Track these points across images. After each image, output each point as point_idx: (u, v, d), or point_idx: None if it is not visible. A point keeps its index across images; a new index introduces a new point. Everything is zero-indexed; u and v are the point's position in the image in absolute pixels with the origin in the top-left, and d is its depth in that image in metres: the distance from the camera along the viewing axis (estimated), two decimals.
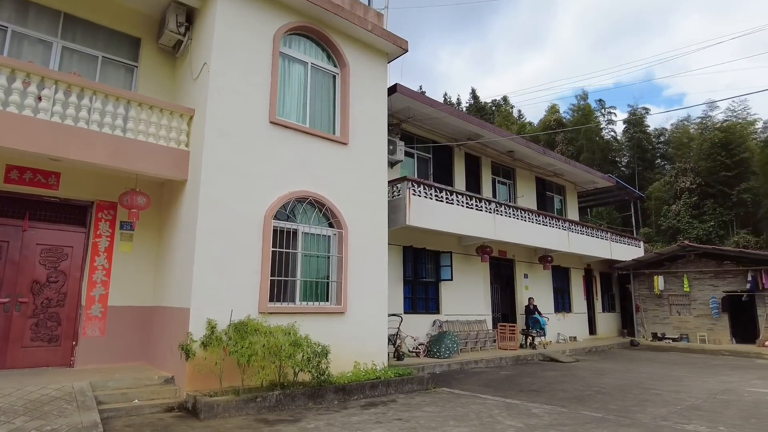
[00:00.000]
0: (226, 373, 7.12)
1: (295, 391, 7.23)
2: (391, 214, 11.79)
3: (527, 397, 8.40)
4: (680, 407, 7.65)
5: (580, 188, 21.48)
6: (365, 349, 9.12)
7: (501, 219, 14.28)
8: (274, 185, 8.39)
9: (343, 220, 9.20)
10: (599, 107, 42.35)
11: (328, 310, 8.80)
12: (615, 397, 8.51)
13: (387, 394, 8.27)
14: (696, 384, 10.06)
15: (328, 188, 9.15)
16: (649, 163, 41.91)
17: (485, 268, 15.57)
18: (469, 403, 7.77)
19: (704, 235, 31.60)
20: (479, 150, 16.15)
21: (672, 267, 20.55)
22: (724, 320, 19.15)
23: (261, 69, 8.58)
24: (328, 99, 9.83)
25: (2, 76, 6.66)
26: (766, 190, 30.38)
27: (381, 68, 10.67)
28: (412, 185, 11.72)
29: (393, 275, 12.63)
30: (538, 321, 15.47)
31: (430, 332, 13.29)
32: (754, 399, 8.44)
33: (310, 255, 8.88)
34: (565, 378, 10.75)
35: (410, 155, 14.24)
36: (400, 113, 12.96)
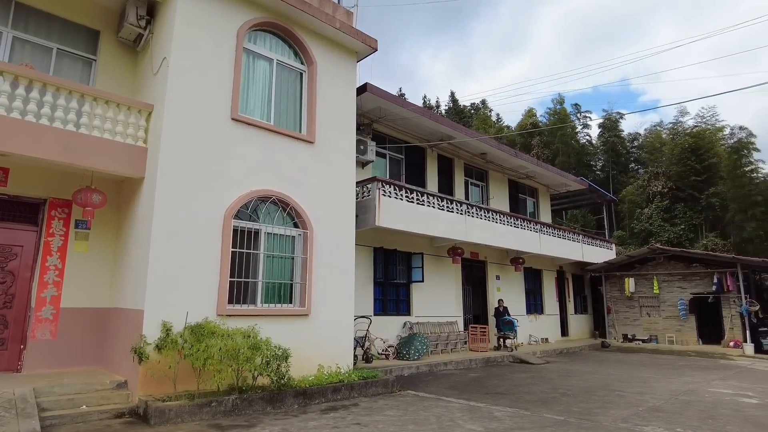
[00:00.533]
0: (182, 377, 6.89)
1: (253, 396, 7.03)
2: (361, 214, 11.66)
3: (492, 399, 8.33)
4: (642, 409, 7.66)
5: (553, 191, 21.64)
6: (330, 352, 8.96)
7: (472, 221, 14.25)
8: (235, 184, 8.18)
9: (308, 220, 9.03)
10: (575, 111, 42.88)
11: (292, 312, 8.61)
12: (579, 399, 8.50)
13: (350, 397, 8.12)
14: (660, 385, 10.14)
15: (293, 187, 8.97)
16: (623, 167, 42.63)
17: (457, 270, 15.53)
18: (432, 406, 7.66)
19: (675, 238, 32.19)
20: (452, 152, 16.12)
21: (642, 269, 20.84)
22: (692, 322, 19.47)
23: (223, 65, 8.37)
24: (295, 97, 9.65)
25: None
26: (733, 194, 31.08)
27: (350, 67, 10.54)
28: (381, 185, 11.60)
29: (363, 277, 12.51)
30: (511, 323, 15.43)
31: (400, 334, 13.18)
32: (713, 399, 8.51)
33: (273, 256, 8.68)
34: (533, 380, 10.73)
35: (382, 156, 14.13)
36: (371, 113, 12.84)
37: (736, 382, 10.80)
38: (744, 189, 30.48)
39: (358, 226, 11.67)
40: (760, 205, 29.87)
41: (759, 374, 12.30)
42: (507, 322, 15.42)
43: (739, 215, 30.57)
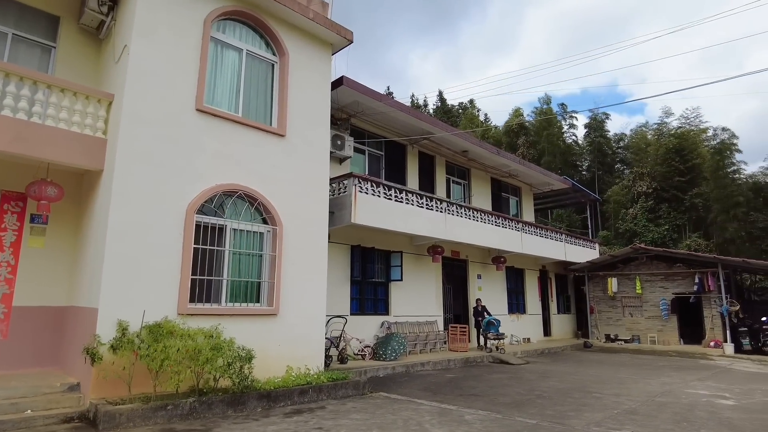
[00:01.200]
0: (140, 379, 6.56)
1: (213, 398, 6.72)
2: (337, 211, 11.39)
3: (465, 402, 8.09)
4: (617, 411, 7.46)
5: (537, 190, 21.51)
6: (300, 353, 8.66)
7: (452, 219, 14.02)
8: (199, 177, 7.85)
9: (277, 216, 8.72)
10: (561, 111, 42.85)
11: (259, 311, 8.30)
12: (555, 401, 8.28)
13: (318, 400, 7.83)
14: (638, 386, 9.97)
15: (261, 182, 8.66)
16: (609, 167, 42.65)
17: (437, 269, 15.29)
18: (401, 409, 7.40)
19: (659, 238, 32.24)
20: (433, 149, 15.89)
21: (625, 269, 20.78)
22: (673, 321, 19.44)
23: (188, 54, 8.03)
24: (266, 88, 9.34)
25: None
26: (715, 195, 31.21)
27: (324, 59, 10.24)
28: (358, 182, 11.32)
29: (339, 275, 12.23)
30: (493, 323, 15.11)
31: (377, 334, 12.91)
32: (690, 401, 8.35)
33: (240, 253, 8.36)
34: (510, 381, 10.52)
35: (361, 152, 13.85)
36: (348, 108, 12.55)
37: (714, 382, 10.68)
38: (726, 190, 30.63)
39: (333, 223, 11.42)
40: (741, 205, 30.02)
41: (737, 375, 12.21)
42: (490, 323, 15.11)
43: (722, 216, 30.70)
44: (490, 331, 14.93)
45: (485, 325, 15.14)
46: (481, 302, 15.93)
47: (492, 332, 14.88)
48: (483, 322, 15.28)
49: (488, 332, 14.96)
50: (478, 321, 15.62)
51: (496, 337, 14.81)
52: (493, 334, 14.83)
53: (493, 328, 14.98)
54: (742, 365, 14.27)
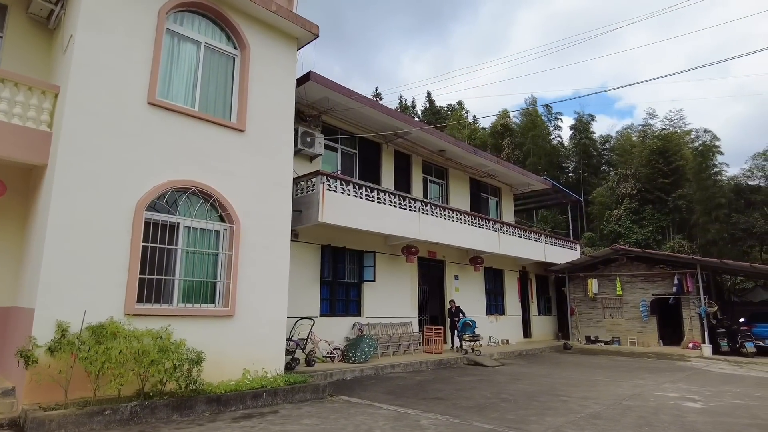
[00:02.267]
0: (79, 383, 6.25)
1: (158, 402, 6.42)
2: (304, 210, 11.12)
3: (426, 405, 7.84)
4: (580, 415, 7.24)
5: (517, 190, 21.34)
6: (258, 356, 8.37)
7: (426, 218, 13.79)
8: (150, 173, 7.55)
9: (234, 214, 8.43)
10: (546, 112, 42.85)
11: (213, 312, 8.00)
12: (519, 405, 8.06)
13: (272, 404, 7.55)
14: (609, 389, 9.78)
15: (218, 178, 8.37)
16: (595, 168, 42.70)
17: (413, 269, 15.05)
18: (357, 413, 7.14)
19: (643, 239, 32.24)
20: (409, 148, 15.66)
21: (606, 270, 20.66)
22: (653, 323, 19.34)
23: (141, 45, 7.73)
24: (226, 82, 9.05)
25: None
26: (698, 197, 31.26)
27: (289, 53, 9.97)
28: (326, 179, 11.05)
29: (308, 276, 11.96)
30: (469, 324, 14.70)
31: (348, 336, 12.63)
32: (657, 404, 8.16)
33: (195, 252, 8.06)
34: (479, 384, 10.29)
35: (333, 149, 13.58)
36: (318, 104, 12.28)
37: (686, 384, 10.52)
38: (708, 191, 30.69)
39: (301, 222, 11.16)
40: (723, 207, 30.08)
41: (711, 376, 12.07)
42: (467, 324, 14.78)
43: (704, 217, 30.75)
44: (466, 333, 14.62)
45: (461, 326, 14.81)
46: (455, 303, 15.70)
47: (468, 333, 14.57)
48: (459, 323, 14.94)
49: (464, 333, 14.65)
50: (453, 322, 15.37)
51: (472, 339, 14.53)
52: (470, 336, 14.53)
53: (470, 329, 14.65)
54: (718, 367, 14.16)
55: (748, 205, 30.75)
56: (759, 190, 31.63)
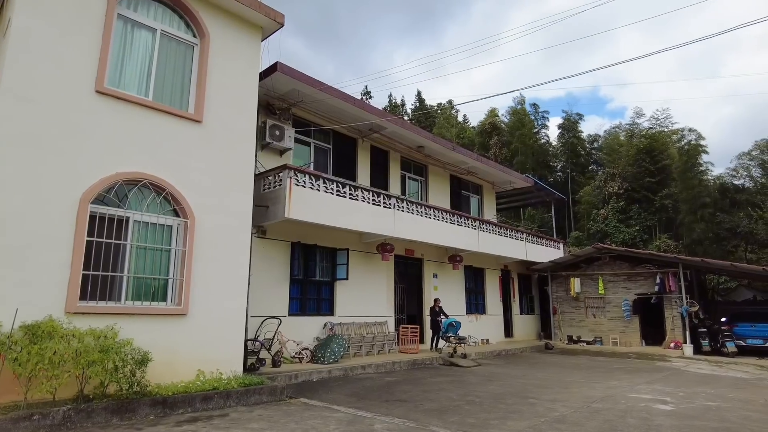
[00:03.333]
0: (9, 386, 5.88)
1: (95, 406, 6.06)
2: (271, 205, 10.78)
3: (386, 408, 7.53)
4: (545, 419, 6.96)
5: (499, 188, 21.08)
6: (214, 356, 8.02)
7: (402, 215, 13.47)
8: (97, 164, 7.18)
9: (189, 208, 8.07)
10: (533, 111, 42.71)
11: (165, 311, 7.64)
12: (484, 407, 7.77)
13: (224, 407, 7.21)
14: (581, 391, 9.51)
15: (173, 171, 8.01)
16: (583, 168, 42.64)
17: (389, 267, 14.74)
18: (311, 417, 6.81)
19: (629, 239, 32.15)
20: (386, 143, 15.34)
21: (588, 269, 20.45)
22: (635, 323, 19.15)
23: (88, 30, 7.36)
24: (183, 72, 8.69)
25: None
26: (684, 196, 31.21)
27: (252, 43, 9.61)
28: (294, 174, 10.71)
29: (277, 274, 11.62)
30: (453, 325, 14.11)
31: (319, 336, 12.29)
32: (626, 407, 7.89)
33: (146, 247, 7.70)
34: (449, 385, 9.99)
35: (306, 144, 13.24)
36: (288, 96, 11.92)
37: (661, 386, 10.28)
38: (694, 191, 30.64)
39: (267, 218, 10.82)
40: (708, 206, 30.04)
41: (688, 377, 11.86)
42: (451, 325, 14.10)
43: (689, 217, 30.70)
44: (450, 334, 14.04)
45: (446, 326, 14.19)
46: (439, 302, 15.30)
47: (453, 335, 14.03)
48: (443, 324, 14.37)
49: (449, 335, 14.05)
50: (436, 321, 14.83)
51: (458, 341, 13.96)
52: (455, 337, 13.98)
53: (454, 330, 14.05)
54: (697, 367, 13.96)
55: (733, 204, 30.72)
56: (743, 189, 31.63)
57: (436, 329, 14.84)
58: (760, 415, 7.47)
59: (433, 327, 15.00)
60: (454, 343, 13.91)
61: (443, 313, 14.93)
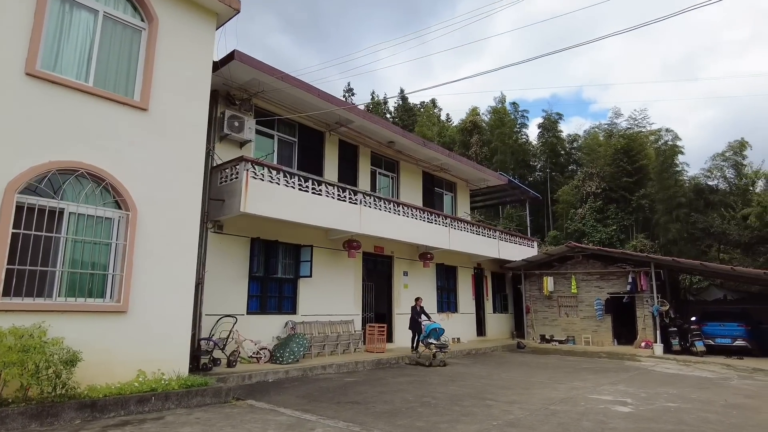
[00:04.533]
0: None
1: (11, 411, 5.63)
2: (227, 199, 10.38)
3: (335, 411, 7.21)
4: (497, 423, 6.69)
5: (473, 186, 20.87)
6: (156, 356, 7.61)
7: (369, 211, 13.15)
8: (26, 152, 6.74)
9: (131, 200, 7.65)
10: (513, 110, 42.68)
11: (102, 308, 7.22)
12: (438, 410, 7.49)
13: (162, 409, 6.82)
14: (543, 392, 9.28)
15: (115, 161, 7.59)
16: (562, 167, 42.73)
17: (357, 265, 14.41)
18: (251, 420, 6.46)
19: (607, 238, 32.23)
20: (355, 138, 14.99)
21: (561, 268, 20.35)
22: (608, 322, 19.10)
23: (17, 8, 6.92)
24: (130, 57, 8.24)
25: None
26: (661, 196, 31.36)
27: (206, 28, 9.20)
28: (251, 166, 10.31)
29: (234, 271, 11.23)
30: (436, 330, 13.20)
31: (280, 335, 11.91)
32: (585, 409, 7.67)
33: (83, 241, 7.26)
34: (409, 385, 9.69)
35: (269, 136, 12.83)
36: (248, 86, 11.50)
37: (625, 386, 10.10)
38: (669, 191, 30.80)
39: (223, 212, 10.43)
40: (683, 206, 30.22)
41: (654, 377, 11.73)
42: (434, 330, 13.17)
43: (665, 217, 30.86)
44: (432, 340, 12.99)
45: (428, 331, 13.21)
46: (421, 301, 14.49)
47: (434, 341, 12.99)
48: (426, 328, 13.39)
49: (430, 340, 13.00)
50: (417, 322, 13.91)
51: (438, 348, 12.93)
52: (436, 344, 12.95)
53: (435, 336, 13.11)
54: (665, 366, 13.88)
55: (707, 205, 30.96)
56: (717, 190, 31.90)
57: (416, 329, 13.96)
58: (718, 416, 7.31)
59: (413, 327, 14.13)
60: (435, 350, 12.95)
61: (425, 314, 14.16)
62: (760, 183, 32.67)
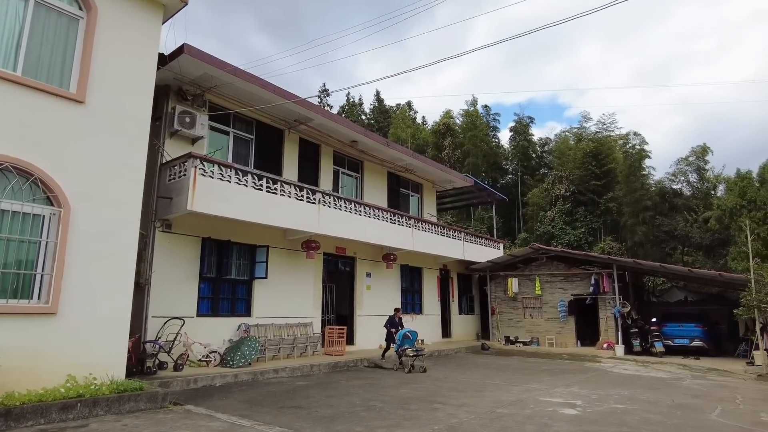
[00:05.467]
0: None
1: None
2: (175, 197, 10.06)
3: (274, 416, 6.96)
4: (438, 427, 6.52)
5: (440, 187, 20.80)
6: (89, 359, 7.26)
7: (328, 211, 12.92)
8: None
9: (64, 197, 7.29)
10: (486, 113, 42.92)
11: (28, 309, 6.84)
12: (382, 414, 7.30)
13: (89, 416, 6.48)
14: (495, 394, 9.17)
15: (46, 155, 7.21)
16: (533, 170, 43.12)
17: (317, 266, 14.15)
18: (184, 427, 6.18)
19: (575, 240, 32.59)
20: (317, 136, 14.74)
21: (526, 269, 20.42)
22: (571, 323, 19.21)
23: None
24: (65, 47, 7.87)
25: None
26: (628, 199, 31.87)
27: (151, 20, 8.85)
28: (200, 163, 9.99)
29: (184, 271, 10.89)
30: (409, 336, 12.47)
31: (233, 338, 11.57)
32: (532, 412, 7.57)
33: (6, 238, 6.86)
34: (360, 389, 9.49)
35: (224, 133, 12.50)
36: (200, 81, 11.16)
37: (579, 388, 10.07)
38: (636, 194, 31.31)
39: (171, 210, 10.09)
40: (649, 209, 30.75)
41: (610, 378, 11.77)
42: (406, 336, 12.43)
43: (632, 219, 31.37)
44: (406, 347, 12.24)
45: (400, 338, 12.49)
46: (399, 312, 14.05)
47: (409, 347, 12.23)
48: (397, 336, 12.65)
49: (404, 347, 12.22)
50: (391, 333, 13.27)
51: (415, 354, 12.10)
52: (412, 350, 12.14)
53: (409, 341, 12.40)
54: (623, 367, 13.97)
55: (672, 208, 31.59)
56: (681, 194, 32.58)
57: (391, 341, 13.27)
58: (661, 417, 7.29)
59: (389, 339, 13.45)
60: (411, 356, 12.08)
61: (401, 325, 13.51)
62: (721, 187, 33.48)
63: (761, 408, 8.31)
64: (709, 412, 7.79)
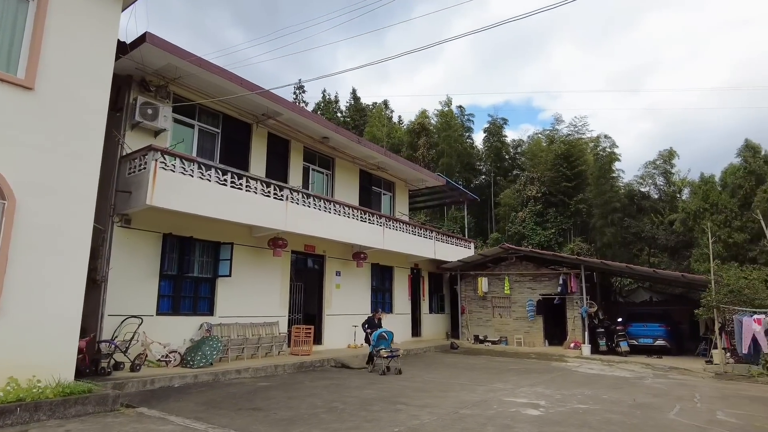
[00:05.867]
0: None
1: None
2: (134, 191, 9.71)
3: (230, 419, 6.73)
4: (399, 429, 6.40)
5: (412, 186, 20.72)
6: (33, 361, 6.89)
7: (296, 208, 12.67)
8: None
9: (8, 188, 6.90)
10: (460, 113, 43.12)
11: None
12: (343, 416, 7.13)
13: (29, 421, 6.13)
14: (459, 395, 9.10)
15: None
16: (506, 171, 43.50)
17: (284, 264, 13.88)
18: (133, 431, 5.89)
19: (546, 241, 32.99)
20: (286, 132, 14.46)
21: (496, 269, 20.51)
22: (539, 323, 19.35)
23: None
24: (13, 30, 7.47)
25: None
26: (598, 201, 32.39)
27: (109, 7, 8.46)
28: (161, 156, 9.64)
29: (143, 268, 10.52)
30: (384, 337, 12.13)
31: (194, 337, 11.24)
32: (495, 413, 7.51)
33: None
34: (324, 390, 9.29)
35: (189, 126, 12.12)
36: (164, 71, 10.79)
37: (543, 388, 10.09)
38: (606, 196, 31.85)
39: (129, 205, 9.76)
40: (618, 211, 31.31)
41: (575, 378, 11.85)
42: (381, 336, 12.12)
43: (601, 221, 31.88)
44: (381, 347, 11.95)
45: (375, 339, 12.17)
46: (378, 314, 13.85)
47: (384, 348, 11.92)
48: (372, 336, 12.35)
49: (379, 348, 11.95)
50: (367, 334, 13.12)
51: (390, 355, 11.80)
52: (387, 351, 11.85)
53: (385, 342, 12.05)
54: (588, 367, 14.11)
55: (639, 210, 32.23)
56: (648, 197, 33.28)
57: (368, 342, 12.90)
58: (621, 417, 7.32)
59: (367, 340, 13.26)
60: (387, 356, 11.78)
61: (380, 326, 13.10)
62: (686, 191, 34.35)
63: (718, 406, 8.43)
64: (668, 411, 7.86)
